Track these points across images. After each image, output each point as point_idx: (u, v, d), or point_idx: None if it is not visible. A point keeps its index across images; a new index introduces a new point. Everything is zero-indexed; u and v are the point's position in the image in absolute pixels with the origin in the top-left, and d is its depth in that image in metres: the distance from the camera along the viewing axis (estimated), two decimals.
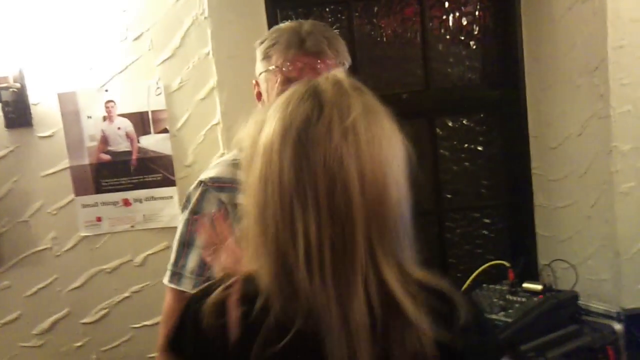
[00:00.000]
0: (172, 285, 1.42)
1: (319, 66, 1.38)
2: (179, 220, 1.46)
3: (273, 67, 1.40)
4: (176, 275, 1.41)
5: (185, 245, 1.42)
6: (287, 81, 1.37)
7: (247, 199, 0.89)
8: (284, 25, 1.46)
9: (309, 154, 0.81)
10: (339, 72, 0.92)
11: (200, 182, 1.44)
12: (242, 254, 0.93)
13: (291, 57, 1.38)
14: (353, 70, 1.57)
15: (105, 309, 2.41)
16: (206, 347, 0.89)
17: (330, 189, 0.80)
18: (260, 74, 1.45)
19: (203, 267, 1.40)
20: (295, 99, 0.86)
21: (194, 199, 1.42)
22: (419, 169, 0.90)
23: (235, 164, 1.47)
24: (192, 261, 1.40)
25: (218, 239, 1.11)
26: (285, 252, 0.82)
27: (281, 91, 1.38)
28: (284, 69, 1.38)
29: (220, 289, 0.89)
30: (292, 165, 0.82)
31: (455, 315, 0.84)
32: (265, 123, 0.87)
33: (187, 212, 1.43)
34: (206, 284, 0.97)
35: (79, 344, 2.41)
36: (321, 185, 0.80)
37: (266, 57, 1.42)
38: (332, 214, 0.81)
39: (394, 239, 0.85)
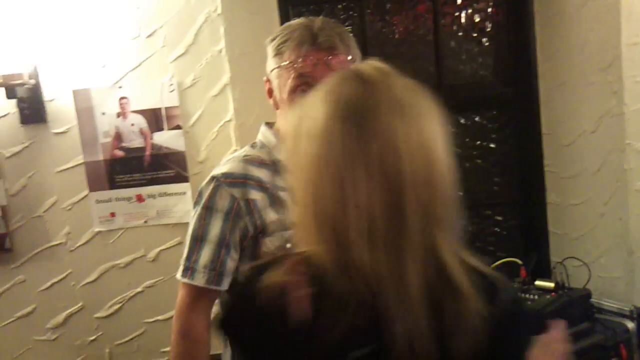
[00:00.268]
0: (185, 280, 1.43)
1: (331, 61, 1.38)
2: (191, 215, 1.47)
3: (286, 62, 1.40)
4: (189, 270, 1.42)
5: (198, 240, 1.43)
6: (300, 77, 1.38)
7: (297, 183, 0.90)
8: (295, 22, 1.47)
9: (364, 127, 0.83)
10: (376, 60, 0.94)
11: (213, 177, 1.45)
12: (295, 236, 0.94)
13: (304, 52, 1.38)
14: None
15: (118, 303, 2.43)
16: (265, 327, 0.89)
17: (382, 161, 0.82)
18: (272, 70, 1.45)
19: (216, 261, 1.40)
20: (338, 83, 0.89)
21: (206, 195, 1.43)
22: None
23: (247, 160, 1.48)
24: (205, 256, 1.41)
25: None
26: (343, 227, 0.83)
27: (294, 87, 1.39)
28: (296, 64, 1.38)
29: (278, 270, 0.89)
30: (350, 136, 0.83)
31: (499, 298, 0.87)
32: (306, 109, 0.89)
33: (199, 207, 1.44)
34: (255, 264, 0.98)
35: (92, 338, 2.44)
36: (374, 158, 0.82)
37: (278, 53, 1.43)
38: (385, 185, 0.82)
39: (444, 213, 0.87)
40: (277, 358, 0.91)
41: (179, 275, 1.44)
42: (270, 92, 1.49)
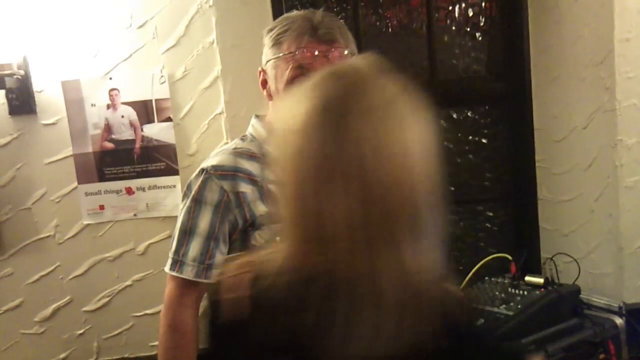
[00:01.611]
0: (174, 273, 1.43)
1: (331, 54, 1.38)
2: (180, 208, 1.46)
3: (285, 53, 1.39)
4: (178, 263, 1.42)
5: (187, 233, 1.43)
6: (298, 68, 1.37)
7: (281, 180, 0.88)
8: (295, 13, 1.46)
9: (351, 128, 0.81)
10: (370, 55, 0.92)
11: (202, 170, 1.44)
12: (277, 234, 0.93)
13: (304, 43, 1.38)
14: None
15: (107, 297, 2.41)
16: (209, 322, 0.91)
17: (360, 167, 0.80)
18: (269, 61, 1.44)
19: (205, 254, 1.40)
20: (320, 80, 0.87)
21: (195, 187, 1.43)
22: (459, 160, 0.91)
23: (237, 153, 1.47)
24: (193, 249, 1.41)
25: None
26: (321, 227, 0.82)
27: (292, 77, 1.38)
28: (296, 55, 1.37)
29: (231, 268, 0.91)
30: (334, 139, 0.81)
31: (465, 323, 0.86)
32: (295, 104, 0.87)
33: (188, 200, 1.44)
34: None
35: (80, 331, 2.42)
36: (363, 159, 0.80)
37: (277, 43, 1.42)
38: (363, 192, 0.80)
39: (424, 225, 0.84)
40: (214, 355, 0.93)
41: (167, 268, 1.44)
42: (264, 83, 1.48)
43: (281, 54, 1.40)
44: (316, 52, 1.36)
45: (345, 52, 1.41)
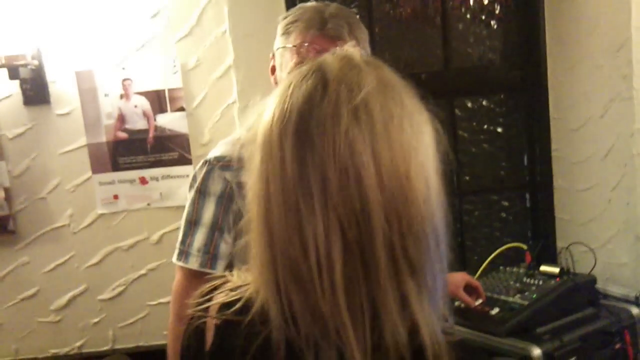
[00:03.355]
0: (180, 263, 1.45)
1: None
2: (186, 199, 1.47)
3: (290, 45, 1.39)
4: (183, 254, 1.44)
5: (192, 223, 1.44)
6: (302, 62, 1.36)
7: (249, 204, 0.75)
8: (310, 4, 1.45)
9: (314, 142, 0.67)
10: (350, 48, 0.78)
11: (206, 161, 1.45)
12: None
13: (310, 38, 1.37)
14: (371, 50, 1.56)
15: (122, 286, 2.43)
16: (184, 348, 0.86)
17: (341, 183, 0.66)
18: (278, 48, 1.44)
19: (209, 244, 1.41)
20: (298, 80, 0.73)
21: (199, 178, 1.44)
22: (454, 161, 0.77)
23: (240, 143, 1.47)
24: (198, 239, 1.42)
25: None
26: (295, 263, 0.69)
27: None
28: (301, 49, 1.37)
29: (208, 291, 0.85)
30: (295, 157, 0.68)
31: None
32: (264, 109, 0.74)
33: (193, 191, 1.45)
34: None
35: (95, 320, 2.44)
36: (330, 179, 0.66)
37: (286, 32, 1.42)
38: (345, 214, 0.67)
39: (424, 251, 0.70)
40: None
41: (174, 258, 1.46)
42: (273, 69, 1.48)
43: (287, 45, 1.40)
44: (320, 49, 1.35)
45: None
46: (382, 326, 0.68)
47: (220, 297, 0.81)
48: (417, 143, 0.70)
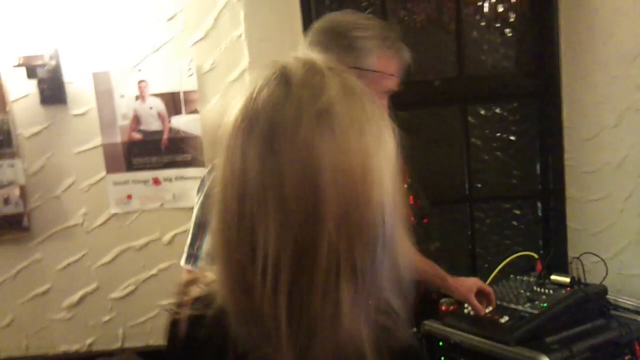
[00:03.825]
0: (189, 267, 1.45)
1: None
2: (195, 203, 1.48)
3: (380, 71, 1.41)
4: (192, 257, 1.44)
5: (201, 227, 1.44)
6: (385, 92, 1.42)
7: (211, 206, 0.75)
8: (378, 21, 1.49)
9: (273, 146, 0.66)
10: (313, 53, 0.78)
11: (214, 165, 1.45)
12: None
13: (394, 69, 1.42)
14: None
15: (133, 285, 2.45)
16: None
17: (297, 188, 0.66)
18: (352, 67, 1.37)
19: None
20: (261, 83, 0.72)
21: (208, 183, 1.44)
22: (413, 171, 0.77)
23: None
24: (207, 243, 1.42)
25: None
26: (243, 267, 0.69)
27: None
28: (389, 81, 1.40)
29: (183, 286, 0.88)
30: (254, 161, 0.67)
31: None
32: (226, 114, 0.73)
33: (202, 195, 1.45)
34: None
35: (106, 318, 2.46)
36: (286, 186, 0.66)
37: (362, 50, 1.41)
38: (297, 219, 0.66)
39: (370, 257, 0.69)
40: None
41: (182, 262, 1.46)
42: None
43: (377, 71, 1.39)
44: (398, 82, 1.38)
45: None
46: (315, 331, 0.68)
47: (195, 291, 0.83)
48: (377, 149, 0.69)
